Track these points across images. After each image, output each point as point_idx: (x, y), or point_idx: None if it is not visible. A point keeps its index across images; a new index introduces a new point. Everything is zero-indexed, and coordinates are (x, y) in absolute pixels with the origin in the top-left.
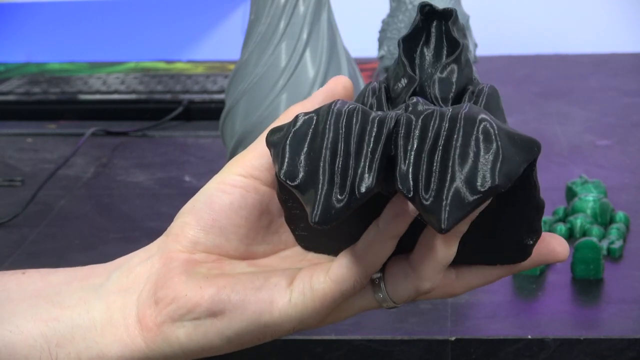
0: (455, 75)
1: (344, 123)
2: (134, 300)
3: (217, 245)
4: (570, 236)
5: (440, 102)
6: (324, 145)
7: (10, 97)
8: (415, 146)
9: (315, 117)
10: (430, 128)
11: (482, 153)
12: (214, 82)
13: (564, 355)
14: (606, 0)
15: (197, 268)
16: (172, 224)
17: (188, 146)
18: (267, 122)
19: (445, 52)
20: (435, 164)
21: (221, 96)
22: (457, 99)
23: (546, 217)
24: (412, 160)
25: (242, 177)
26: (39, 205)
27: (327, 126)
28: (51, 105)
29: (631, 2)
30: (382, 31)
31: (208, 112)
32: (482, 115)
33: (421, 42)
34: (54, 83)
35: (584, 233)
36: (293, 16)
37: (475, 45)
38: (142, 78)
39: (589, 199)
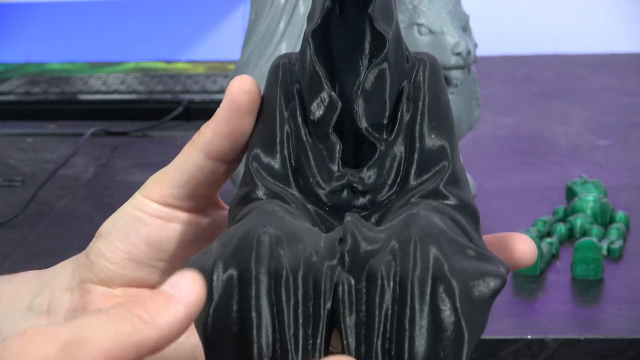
0: (386, 84)
1: (272, 298)
2: None
3: (136, 279)
4: (570, 236)
5: (372, 131)
6: (255, 346)
7: (10, 97)
8: (363, 335)
9: (235, 279)
10: (377, 305)
11: (442, 336)
12: (214, 82)
13: (564, 355)
14: (606, 0)
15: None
16: (92, 244)
17: None
18: None
19: (367, 44)
20: (391, 353)
21: (221, 96)
22: (392, 113)
23: (546, 217)
24: (363, 354)
25: (160, 206)
26: (39, 205)
27: (254, 309)
28: (51, 105)
29: (631, 2)
30: None
31: (208, 112)
32: (437, 271)
33: (336, 33)
34: (54, 83)
35: (584, 233)
36: (293, 16)
37: (475, 45)
38: (142, 78)
39: (589, 199)
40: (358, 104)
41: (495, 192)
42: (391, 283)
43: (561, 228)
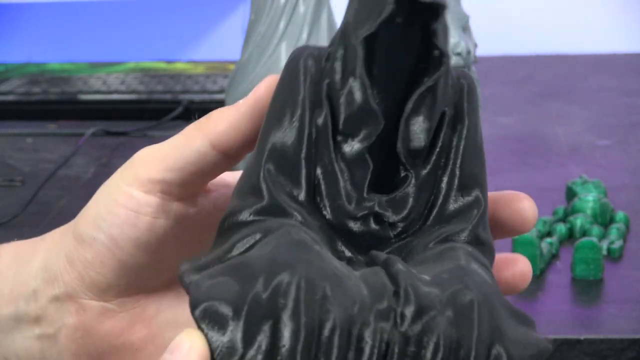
0: (434, 106)
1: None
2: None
3: (131, 285)
4: (570, 236)
5: (411, 157)
6: None
7: (11, 97)
8: None
9: (267, 340)
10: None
11: None
12: (214, 82)
13: (564, 355)
14: (606, 0)
15: (116, 327)
16: (73, 249)
17: None
18: None
19: (414, 60)
20: None
21: (221, 96)
22: (431, 142)
23: (546, 217)
24: None
25: (148, 195)
26: (39, 205)
27: None
28: (51, 105)
29: (631, 2)
30: None
31: (208, 112)
32: (496, 339)
33: (387, 43)
34: (54, 83)
35: (584, 233)
36: (293, 16)
37: (475, 45)
38: (142, 78)
39: (589, 199)
40: (404, 125)
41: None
42: (448, 348)
43: (561, 228)
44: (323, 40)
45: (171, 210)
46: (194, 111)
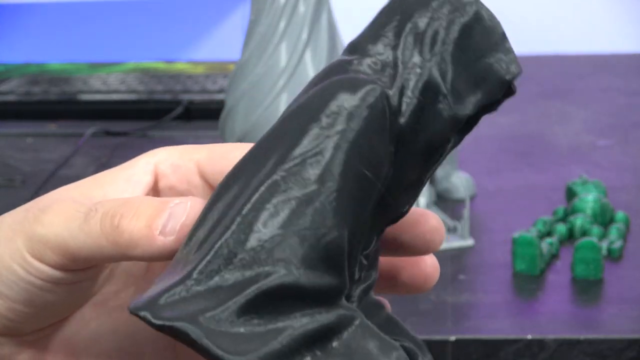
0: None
1: None
2: None
3: (49, 321)
4: (570, 236)
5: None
6: None
7: (11, 97)
8: None
9: None
10: None
11: None
12: (214, 82)
13: (564, 355)
14: (606, 0)
15: (37, 354)
16: None
17: None
18: (267, 122)
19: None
20: None
21: (221, 96)
22: None
23: (546, 217)
24: None
25: (57, 271)
26: None
27: None
28: (51, 105)
29: (631, 2)
30: None
31: (208, 112)
32: None
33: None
34: (54, 83)
35: (584, 233)
36: (293, 16)
37: None
38: (142, 78)
39: (589, 199)
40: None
41: (495, 192)
42: None
43: (561, 228)
44: (323, 40)
45: (89, 273)
46: (194, 111)
